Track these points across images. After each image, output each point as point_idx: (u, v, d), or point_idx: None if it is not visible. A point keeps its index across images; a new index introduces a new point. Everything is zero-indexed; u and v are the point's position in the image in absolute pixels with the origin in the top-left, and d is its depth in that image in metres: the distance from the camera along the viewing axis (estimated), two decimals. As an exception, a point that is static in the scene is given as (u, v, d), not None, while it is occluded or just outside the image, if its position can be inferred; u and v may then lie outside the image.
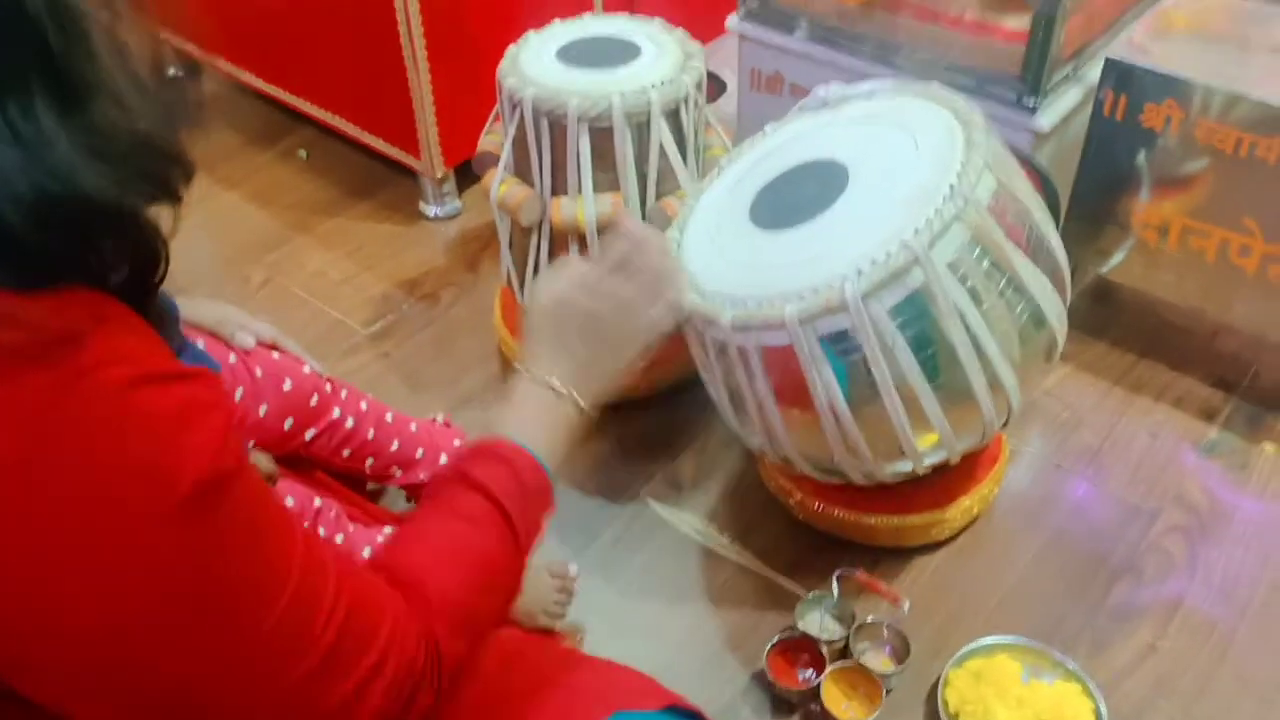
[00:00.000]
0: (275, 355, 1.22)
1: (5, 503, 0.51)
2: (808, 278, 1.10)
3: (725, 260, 1.19)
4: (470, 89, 1.79)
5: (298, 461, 1.24)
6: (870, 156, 1.20)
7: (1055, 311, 1.19)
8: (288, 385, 1.20)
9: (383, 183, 2.01)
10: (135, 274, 0.58)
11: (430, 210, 1.93)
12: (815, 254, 1.12)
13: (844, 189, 1.17)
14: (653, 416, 1.56)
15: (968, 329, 1.11)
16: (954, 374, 1.14)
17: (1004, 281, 1.14)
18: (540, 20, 1.85)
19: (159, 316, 0.59)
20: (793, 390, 1.17)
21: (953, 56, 1.54)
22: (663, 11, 2.08)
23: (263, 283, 1.81)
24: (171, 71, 0.56)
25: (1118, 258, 1.55)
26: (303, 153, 2.09)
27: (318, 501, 1.14)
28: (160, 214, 0.58)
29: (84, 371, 0.52)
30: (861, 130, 1.25)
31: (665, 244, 1.02)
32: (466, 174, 1.91)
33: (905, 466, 1.21)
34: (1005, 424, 1.23)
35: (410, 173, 1.92)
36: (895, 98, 1.27)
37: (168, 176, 0.58)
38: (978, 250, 1.10)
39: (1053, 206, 1.47)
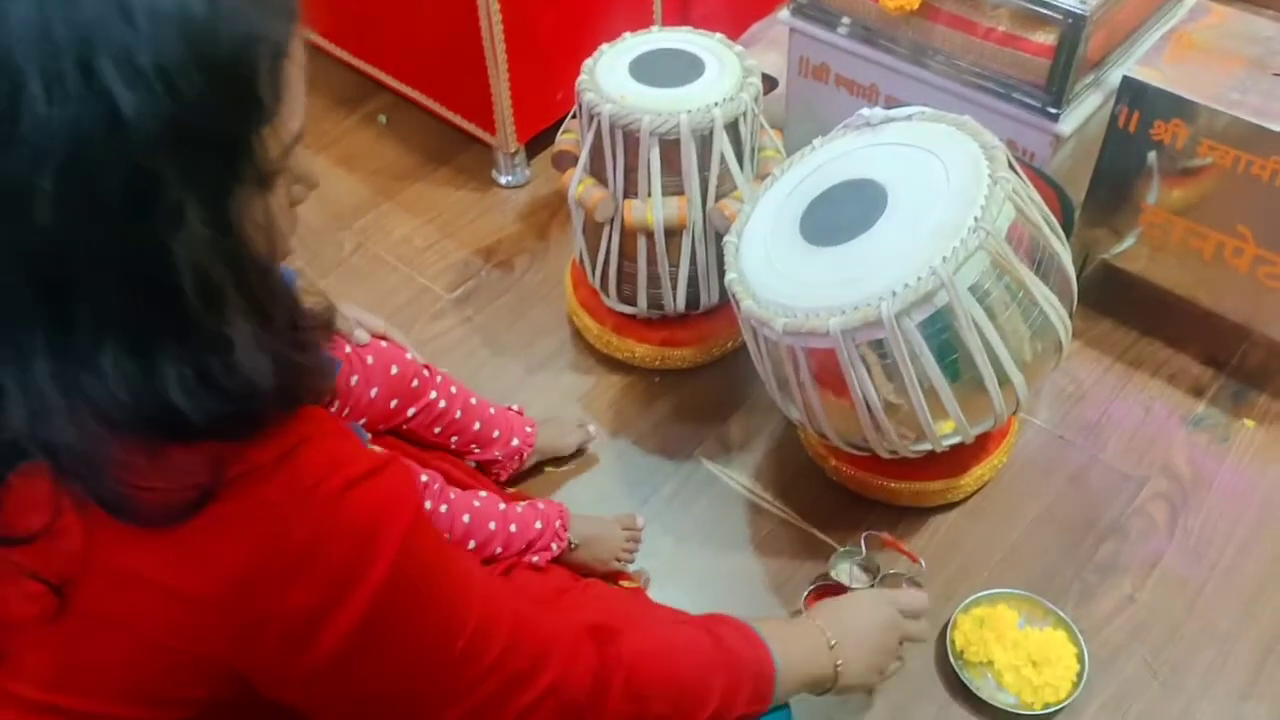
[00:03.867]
0: (383, 344, 1.42)
1: (250, 609, 0.64)
2: (850, 295, 1.29)
3: (777, 272, 1.39)
4: (543, 72, 1.96)
5: (397, 437, 1.46)
6: (906, 180, 1.38)
7: (1061, 320, 1.38)
8: (394, 370, 1.40)
9: (458, 148, 2.19)
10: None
11: (502, 179, 2.11)
12: (857, 274, 1.31)
13: (883, 211, 1.36)
14: (705, 383, 1.77)
15: (984, 339, 1.31)
16: (971, 374, 1.34)
17: (1017, 298, 1.33)
18: (607, 13, 2.01)
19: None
20: (832, 381, 1.38)
21: (983, 64, 1.69)
22: (714, 7, 2.22)
23: (355, 248, 2.01)
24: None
25: (1126, 244, 1.72)
26: (383, 118, 2.26)
27: (424, 476, 1.36)
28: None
29: (311, 486, 0.64)
30: (900, 153, 1.42)
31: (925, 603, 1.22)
32: (534, 144, 2.09)
33: (926, 447, 1.42)
34: (1014, 412, 1.44)
35: (483, 141, 2.09)
36: (932, 124, 1.44)
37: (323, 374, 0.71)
38: (995, 274, 1.30)
39: (1067, 212, 1.66)
